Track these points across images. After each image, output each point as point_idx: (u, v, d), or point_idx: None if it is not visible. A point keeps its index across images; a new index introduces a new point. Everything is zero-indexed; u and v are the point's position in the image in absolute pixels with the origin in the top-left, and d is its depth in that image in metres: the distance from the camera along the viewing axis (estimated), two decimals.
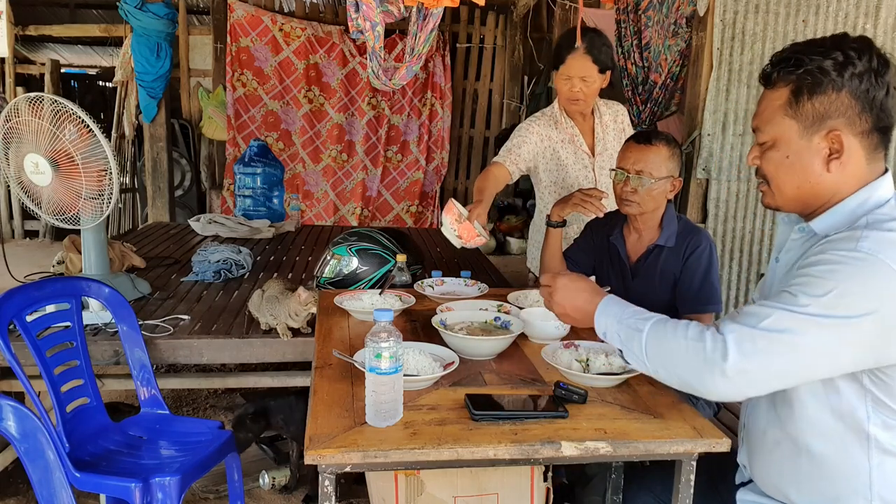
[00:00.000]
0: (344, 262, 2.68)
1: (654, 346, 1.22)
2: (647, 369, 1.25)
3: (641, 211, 2.07)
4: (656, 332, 1.23)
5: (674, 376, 1.21)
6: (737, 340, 1.12)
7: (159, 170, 5.38)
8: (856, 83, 1.17)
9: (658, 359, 1.22)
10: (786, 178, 1.27)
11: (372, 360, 1.27)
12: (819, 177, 1.23)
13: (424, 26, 3.47)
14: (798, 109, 1.22)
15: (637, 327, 1.26)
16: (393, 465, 1.27)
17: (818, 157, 1.22)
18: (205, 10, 6.86)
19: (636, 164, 2.02)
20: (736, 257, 3.33)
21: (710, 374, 1.14)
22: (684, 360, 1.18)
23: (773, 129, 1.26)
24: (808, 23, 3.14)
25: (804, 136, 1.22)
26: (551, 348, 1.65)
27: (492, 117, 6.83)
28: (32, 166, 2.37)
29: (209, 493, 2.65)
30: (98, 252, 2.62)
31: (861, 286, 1.10)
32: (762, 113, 1.28)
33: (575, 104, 2.48)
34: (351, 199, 6.54)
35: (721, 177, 3.25)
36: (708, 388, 1.16)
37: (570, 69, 2.41)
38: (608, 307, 1.33)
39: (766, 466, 1.37)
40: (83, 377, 2.13)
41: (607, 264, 2.23)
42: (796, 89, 1.21)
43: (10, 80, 6.82)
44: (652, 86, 3.59)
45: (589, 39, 2.40)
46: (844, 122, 1.19)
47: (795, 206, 1.30)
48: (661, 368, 1.23)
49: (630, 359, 1.29)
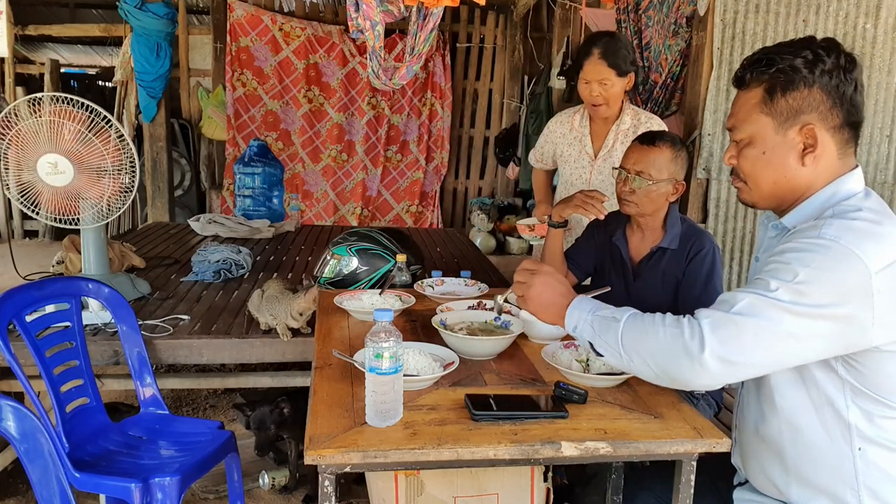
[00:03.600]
0: (344, 262, 2.68)
1: (630, 335, 1.24)
2: (622, 360, 1.26)
3: (640, 212, 2.06)
4: (633, 322, 1.25)
5: (650, 366, 1.22)
6: (711, 326, 1.15)
7: (159, 170, 5.38)
8: (826, 79, 1.22)
9: (634, 349, 1.24)
10: (763, 173, 1.30)
11: (372, 360, 1.27)
12: (795, 171, 1.27)
13: (424, 26, 3.47)
14: (773, 106, 1.26)
15: (614, 317, 1.28)
16: (393, 466, 1.27)
17: (793, 152, 1.26)
18: (204, 10, 6.86)
19: (636, 165, 2.01)
20: (736, 257, 3.33)
21: (688, 362, 1.16)
22: (662, 349, 1.20)
23: (749, 126, 1.30)
24: (809, 23, 3.14)
25: (779, 131, 1.26)
26: (551, 348, 1.64)
27: (492, 117, 6.83)
28: (50, 167, 2.36)
29: (209, 494, 2.65)
30: (98, 252, 2.62)
31: (828, 273, 1.13)
32: (737, 112, 1.33)
33: (597, 109, 2.50)
34: (351, 198, 6.54)
35: (721, 177, 3.25)
36: (686, 376, 1.18)
37: (587, 74, 2.45)
38: (582, 303, 1.36)
39: (757, 463, 1.38)
40: (83, 377, 2.13)
41: (609, 265, 2.22)
42: (770, 87, 1.26)
43: (10, 80, 6.82)
44: (652, 86, 3.59)
45: (603, 44, 2.43)
46: (817, 116, 1.24)
47: (771, 201, 1.34)
48: (637, 357, 1.24)
49: (602, 350, 1.29)
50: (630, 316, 1.27)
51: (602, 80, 2.43)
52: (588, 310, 1.33)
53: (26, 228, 7.10)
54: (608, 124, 2.56)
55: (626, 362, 1.26)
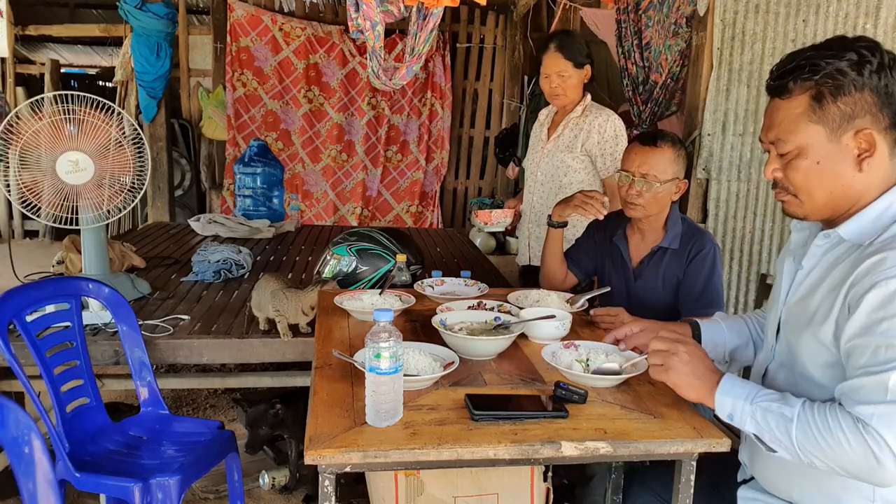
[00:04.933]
0: (344, 262, 2.68)
1: (806, 439, 1.17)
2: (800, 460, 1.19)
3: (646, 214, 2.05)
4: (806, 425, 1.17)
5: (836, 470, 1.16)
6: (888, 425, 1.09)
7: (159, 170, 5.38)
8: (875, 80, 1.18)
9: (814, 454, 1.17)
10: (818, 184, 1.25)
11: (372, 360, 1.27)
12: (851, 179, 1.23)
13: (424, 26, 3.47)
14: (823, 114, 1.21)
15: (782, 413, 1.19)
16: (393, 465, 1.27)
17: (849, 158, 1.22)
18: (205, 10, 6.86)
19: (641, 167, 2.00)
20: (736, 257, 3.33)
21: (882, 474, 1.11)
22: (851, 461, 1.13)
23: (798, 137, 1.24)
24: (809, 23, 3.14)
25: (832, 139, 1.22)
26: (551, 348, 1.64)
27: (492, 117, 6.83)
28: (71, 165, 2.37)
29: (209, 493, 2.65)
30: (98, 252, 2.62)
31: None
32: (780, 123, 1.26)
33: (557, 99, 2.70)
34: (351, 198, 6.54)
35: (721, 177, 3.25)
36: (881, 483, 1.15)
37: (546, 67, 2.66)
38: (734, 388, 1.27)
39: (769, 465, 1.37)
40: (83, 377, 2.12)
41: (609, 266, 2.22)
42: (817, 94, 1.21)
43: (11, 80, 6.82)
44: (652, 86, 3.59)
45: (559, 38, 2.64)
46: (871, 119, 1.20)
47: (825, 212, 1.28)
48: (819, 462, 1.17)
49: (774, 446, 1.22)
50: (800, 413, 1.18)
51: (559, 71, 2.62)
52: (745, 397, 1.24)
53: (26, 228, 7.10)
54: (566, 114, 2.73)
55: (804, 461, 1.19)
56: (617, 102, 4.99)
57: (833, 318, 1.21)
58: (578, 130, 2.66)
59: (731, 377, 1.30)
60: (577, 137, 2.65)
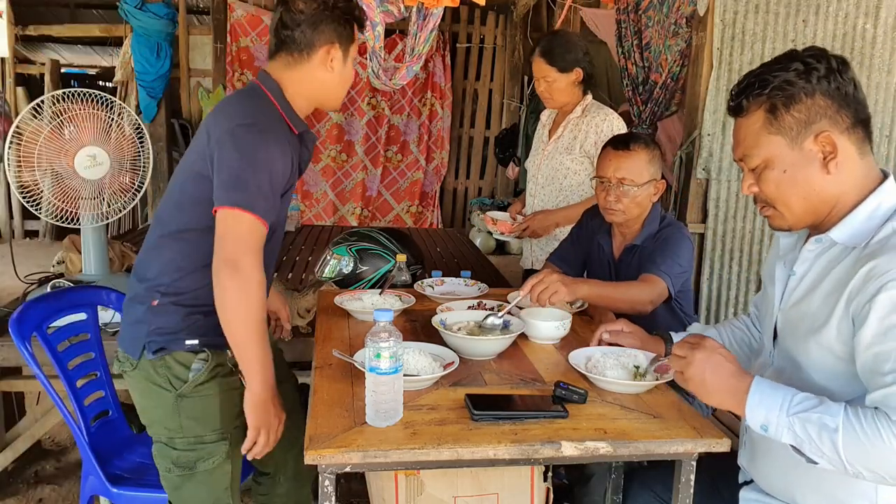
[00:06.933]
0: (344, 262, 2.68)
1: (854, 449, 1.11)
2: (846, 471, 1.13)
3: (626, 218, 2.07)
4: (852, 433, 1.11)
5: (888, 481, 1.13)
6: None
7: (159, 170, 5.39)
8: (825, 84, 1.20)
9: (863, 465, 1.11)
10: (790, 192, 1.26)
11: (372, 360, 1.27)
12: (822, 182, 1.24)
13: (424, 26, 3.47)
14: (780, 124, 1.23)
15: (824, 423, 1.12)
16: (393, 465, 1.27)
17: (815, 163, 1.23)
18: (205, 10, 6.86)
19: (617, 172, 2.02)
20: (736, 257, 3.33)
21: None
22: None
23: (762, 150, 1.26)
24: (808, 23, 3.13)
25: (794, 146, 1.24)
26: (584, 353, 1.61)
27: (492, 117, 6.84)
28: (89, 160, 2.38)
29: None
30: (98, 252, 2.61)
31: None
32: (743, 140, 1.29)
33: (548, 102, 2.71)
34: (351, 199, 6.54)
35: (721, 177, 3.24)
36: None
37: (534, 72, 2.66)
38: (765, 395, 1.19)
39: (772, 469, 1.37)
40: (103, 389, 2.08)
41: (596, 260, 2.26)
42: (771, 107, 1.24)
43: (11, 80, 6.82)
44: (652, 86, 3.59)
45: (545, 43, 2.62)
46: (828, 122, 1.21)
47: (807, 219, 1.29)
48: (869, 473, 1.12)
49: (817, 458, 1.15)
50: (845, 422, 1.11)
51: (544, 76, 2.60)
52: (779, 407, 1.17)
53: (27, 228, 7.10)
54: (566, 115, 2.71)
55: (851, 473, 1.13)
56: (617, 102, 4.99)
57: (834, 322, 1.21)
58: (577, 132, 2.65)
59: (760, 383, 1.21)
60: (575, 139, 2.65)
